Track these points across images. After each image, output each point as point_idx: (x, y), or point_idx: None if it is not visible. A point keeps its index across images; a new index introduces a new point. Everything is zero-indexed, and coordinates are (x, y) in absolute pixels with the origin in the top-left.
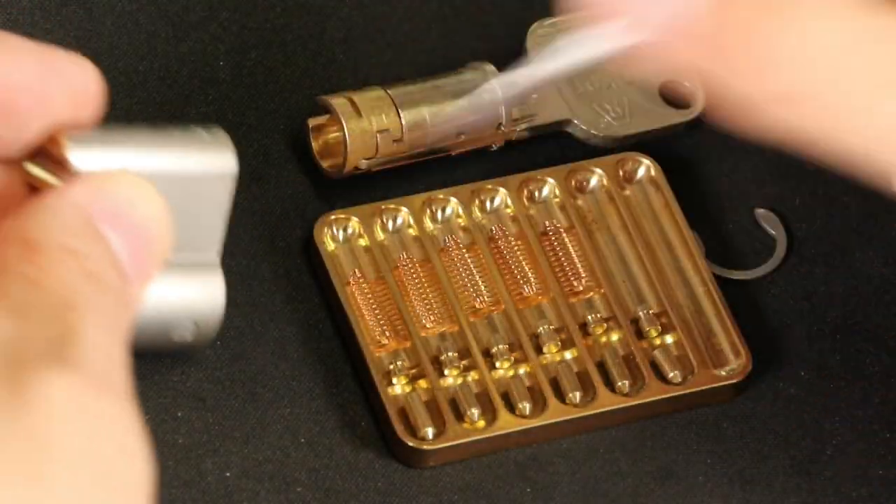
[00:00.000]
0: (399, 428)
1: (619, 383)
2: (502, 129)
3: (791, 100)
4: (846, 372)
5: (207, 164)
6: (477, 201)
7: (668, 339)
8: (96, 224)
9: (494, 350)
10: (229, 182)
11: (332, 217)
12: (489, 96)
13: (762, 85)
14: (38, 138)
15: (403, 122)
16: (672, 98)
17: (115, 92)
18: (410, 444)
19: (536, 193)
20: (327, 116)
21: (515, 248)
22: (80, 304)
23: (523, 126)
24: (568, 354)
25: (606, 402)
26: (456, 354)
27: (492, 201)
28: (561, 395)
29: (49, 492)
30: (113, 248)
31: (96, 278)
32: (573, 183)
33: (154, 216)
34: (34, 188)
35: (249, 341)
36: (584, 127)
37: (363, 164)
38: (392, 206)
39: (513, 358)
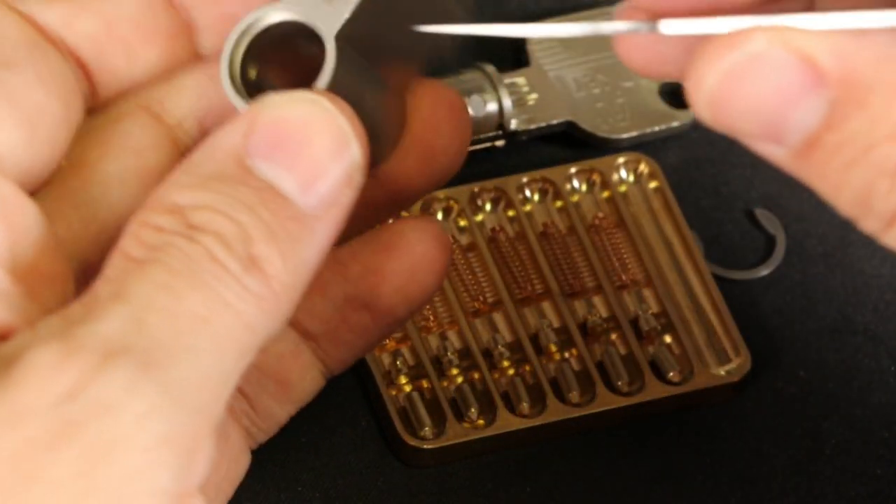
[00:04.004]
0: (399, 427)
1: (619, 383)
2: (503, 129)
3: None
4: (845, 371)
5: None
6: (477, 201)
7: (668, 338)
8: (250, 160)
9: (495, 350)
10: None
11: None
12: None
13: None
14: None
15: None
16: (672, 98)
17: None
18: (411, 443)
19: (536, 194)
20: None
21: (515, 248)
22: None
23: (524, 126)
24: (568, 354)
25: (606, 401)
26: (456, 354)
27: (492, 201)
28: (561, 395)
29: None
30: (274, 182)
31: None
32: (573, 183)
33: (325, 135)
34: None
35: None
36: (584, 127)
37: None
38: None
39: (513, 358)
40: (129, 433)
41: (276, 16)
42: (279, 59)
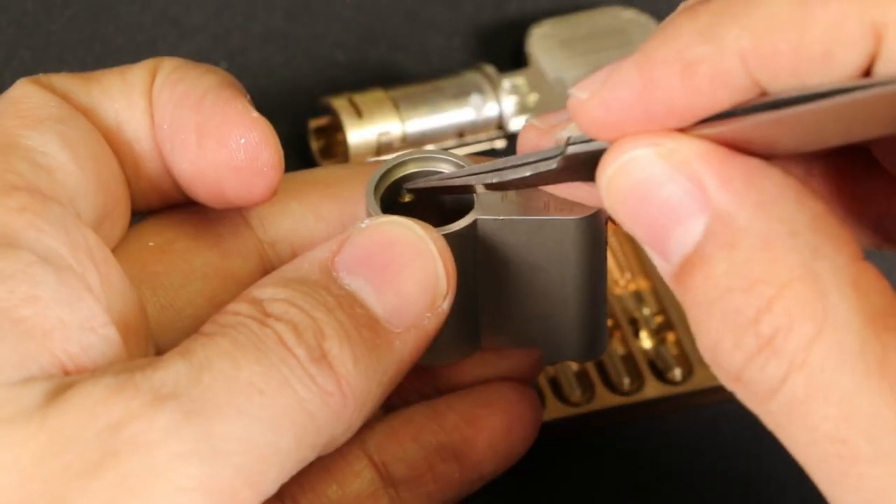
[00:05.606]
0: None
1: (619, 382)
2: (503, 129)
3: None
4: None
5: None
6: None
7: (668, 338)
8: (335, 273)
9: None
10: None
11: None
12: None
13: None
14: None
15: (404, 123)
16: None
17: None
18: None
19: None
20: (328, 117)
21: None
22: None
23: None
24: None
25: (606, 401)
26: None
27: None
28: (560, 395)
29: None
30: (356, 292)
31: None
32: None
33: (411, 257)
34: None
35: None
36: None
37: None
38: None
39: None
40: (164, 471)
41: (451, 168)
42: (428, 196)
